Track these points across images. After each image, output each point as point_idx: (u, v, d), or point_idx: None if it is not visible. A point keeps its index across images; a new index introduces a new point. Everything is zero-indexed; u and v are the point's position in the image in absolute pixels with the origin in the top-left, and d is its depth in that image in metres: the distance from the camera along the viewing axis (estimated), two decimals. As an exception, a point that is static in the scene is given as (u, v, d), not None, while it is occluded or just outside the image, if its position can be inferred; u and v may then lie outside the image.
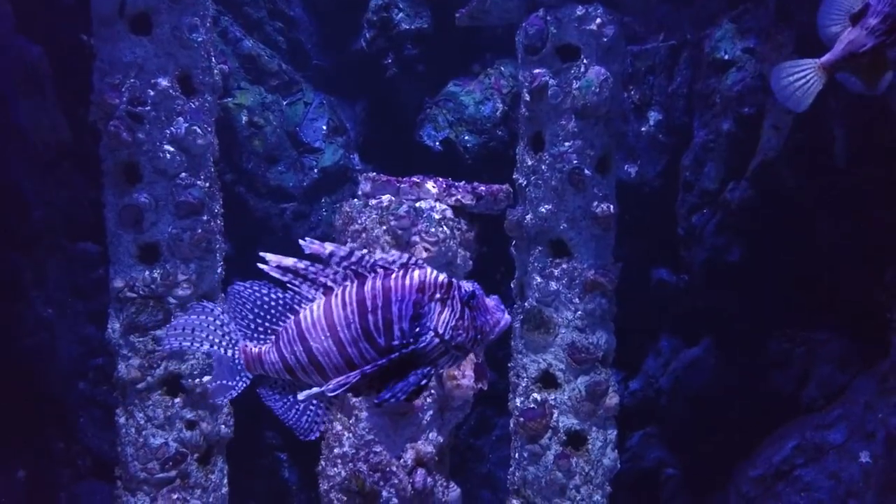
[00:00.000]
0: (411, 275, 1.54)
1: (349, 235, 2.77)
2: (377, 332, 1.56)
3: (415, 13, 4.65)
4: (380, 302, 1.55)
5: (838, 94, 3.46)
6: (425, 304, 1.54)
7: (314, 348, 1.58)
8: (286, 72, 4.71)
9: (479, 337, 1.55)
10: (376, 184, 2.67)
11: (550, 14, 3.58)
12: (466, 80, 4.80)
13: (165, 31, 3.29)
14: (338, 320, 1.56)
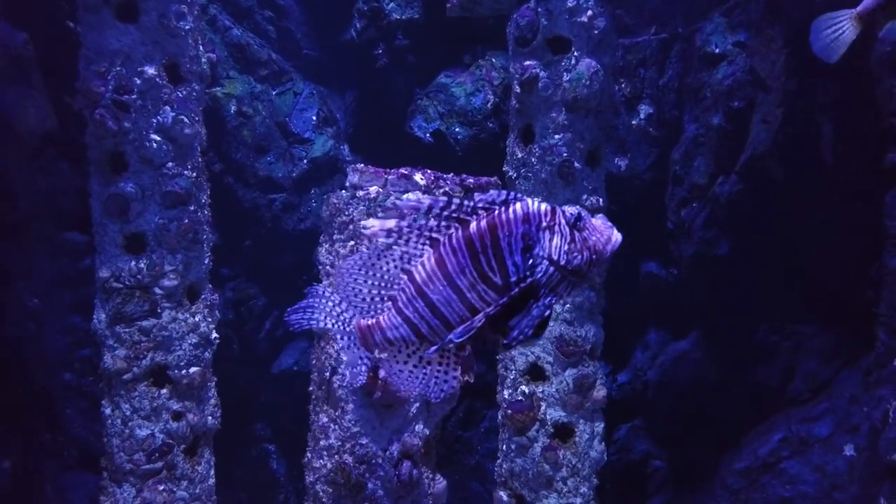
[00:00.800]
0: (514, 208, 1.53)
1: (336, 227, 2.75)
2: (492, 272, 1.55)
3: (406, 3, 4.62)
4: (488, 241, 1.54)
5: (827, 89, 3.47)
6: (534, 235, 1.53)
7: (435, 300, 1.57)
8: (276, 61, 4.68)
9: (595, 257, 1.54)
10: (364, 175, 2.66)
11: (542, 6, 3.57)
12: (457, 72, 4.78)
13: (152, 19, 3.25)
14: (452, 268, 1.55)
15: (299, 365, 4.76)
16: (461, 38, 4.79)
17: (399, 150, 4.91)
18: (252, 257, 4.70)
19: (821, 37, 2.19)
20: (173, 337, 3.39)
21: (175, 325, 3.39)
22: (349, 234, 2.67)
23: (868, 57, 3.28)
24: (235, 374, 4.38)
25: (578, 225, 1.54)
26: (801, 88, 3.49)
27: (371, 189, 2.59)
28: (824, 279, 3.76)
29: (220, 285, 4.62)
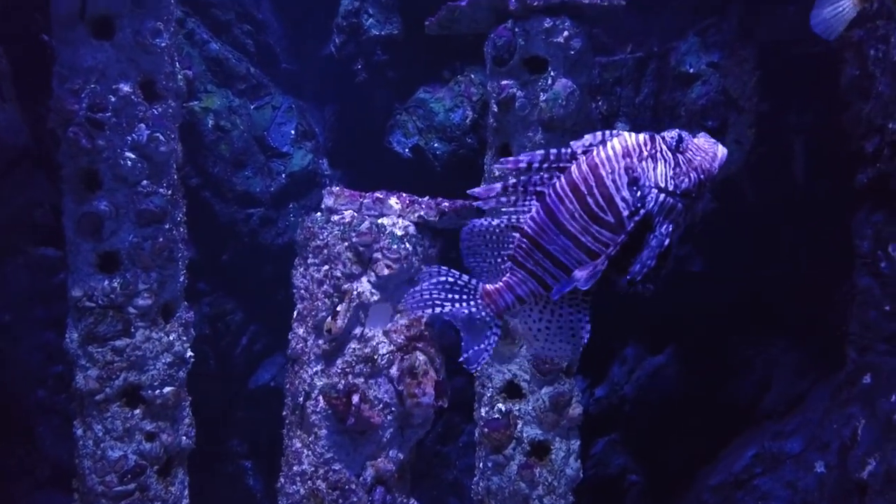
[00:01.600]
0: (611, 144, 1.55)
1: (311, 251, 2.75)
2: (602, 212, 1.57)
3: (385, 19, 4.63)
4: (592, 182, 1.55)
5: (798, 112, 3.53)
6: (636, 167, 1.54)
7: (552, 250, 1.59)
8: (254, 75, 4.66)
9: (703, 177, 1.55)
10: (339, 198, 2.66)
11: (518, 26, 3.59)
12: (436, 87, 4.80)
13: (127, 36, 3.23)
14: (562, 216, 1.57)
15: (276, 381, 4.74)
16: (440, 53, 4.80)
17: (378, 165, 4.91)
18: (229, 272, 4.67)
19: (822, 14, 2.20)
20: (147, 356, 3.35)
21: (149, 344, 3.36)
22: (323, 258, 2.67)
23: (838, 81, 3.35)
24: (211, 390, 4.34)
25: (681, 147, 1.56)
26: (772, 110, 3.55)
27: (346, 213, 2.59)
28: (797, 296, 3.82)
29: (197, 300, 4.59)
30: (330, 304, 2.67)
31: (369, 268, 2.67)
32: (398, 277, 2.69)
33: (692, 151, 1.56)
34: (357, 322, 2.67)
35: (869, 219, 3.30)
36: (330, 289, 2.65)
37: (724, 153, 1.58)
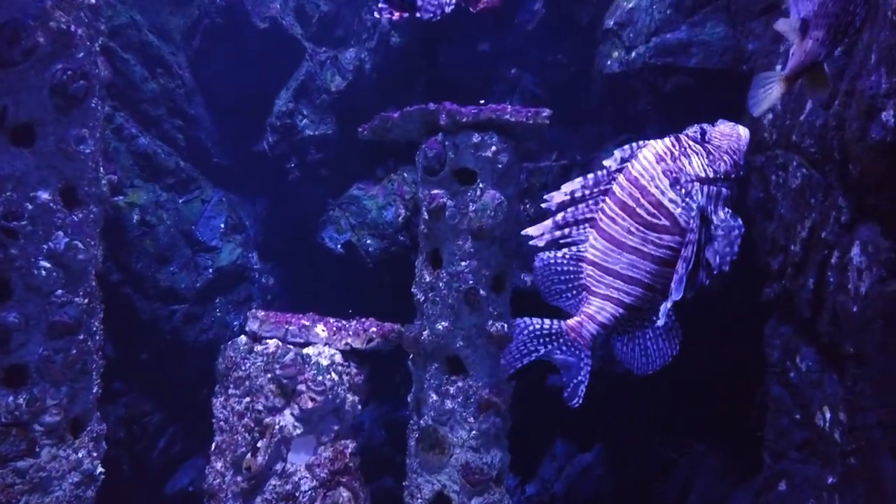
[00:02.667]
0: (643, 155, 1.57)
1: (232, 381, 2.68)
2: (656, 218, 1.60)
3: (319, 119, 4.70)
4: (638, 194, 1.61)
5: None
6: (673, 168, 1.55)
7: (620, 270, 1.63)
8: (184, 169, 4.61)
9: (736, 156, 1.64)
10: (264, 324, 2.62)
11: (448, 139, 3.72)
12: (370, 184, 4.87)
13: (50, 144, 3.16)
14: (619, 235, 1.66)
15: (195, 484, 4.50)
16: (374, 152, 4.90)
17: (310, 260, 4.89)
18: (148, 371, 4.47)
19: (755, 92, 2.28)
20: (52, 477, 3.14)
21: (55, 463, 3.15)
22: (245, 389, 2.60)
23: (744, 200, 3.58)
24: (125, 496, 4.08)
25: (706, 137, 1.64)
26: (686, 226, 3.75)
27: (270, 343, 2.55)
28: (714, 401, 3.96)
29: (112, 401, 4.36)
30: (250, 439, 2.58)
31: (293, 400, 2.62)
32: (322, 409, 2.64)
33: (718, 138, 1.70)
34: (278, 457, 2.59)
35: (777, 330, 3.48)
36: (251, 422, 2.57)
37: (746, 132, 1.71)
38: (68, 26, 3.09)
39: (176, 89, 4.51)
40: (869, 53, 2.60)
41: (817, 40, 2.02)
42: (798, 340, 3.36)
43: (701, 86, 3.59)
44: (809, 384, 3.25)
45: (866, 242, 2.72)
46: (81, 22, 3.20)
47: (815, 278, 3.10)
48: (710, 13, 3.57)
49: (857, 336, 2.75)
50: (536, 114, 3.72)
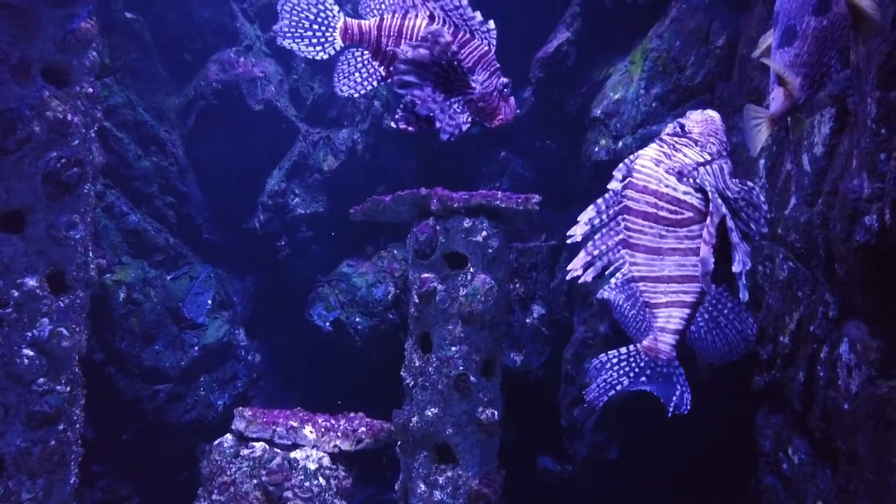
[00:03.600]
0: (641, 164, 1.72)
1: (216, 486, 2.61)
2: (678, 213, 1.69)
3: (311, 198, 4.74)
4: (652, 199, 1.70)
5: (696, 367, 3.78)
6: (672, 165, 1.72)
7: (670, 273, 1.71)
8: (173, 246, 4.60)
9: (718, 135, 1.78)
10: (251, 424, 2.57)
11: (440, 224, 3.75)
12: (360, 261, 4.87)
13: (40, 230, 3.14)
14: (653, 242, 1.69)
15: (172, 574, 4.32)
16: (364, 229, 4.93)
17: (297, 337, 4.84)
18: (128, 453, 4.34)
19: (747, 126, 2.34)
20: (23, 576, 3.00)
21: (27, 561, 3.02)
22: (230, 496, 2.53)
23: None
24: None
25: (686, 130, 1.80)
26: (675, 313, 3.77)
27: (257, 446, 2.49)
28: (707, 486, 3.90)
29: (90, 484, 4.22)
30: (235, 550, 2.50)
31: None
32: (310, 516, 2.57)
33: (695, 126, 1.79)
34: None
35: (769, 420, 3.47)
36: (236, 531, 2.50)
37: (714, 113, 1.79)
38: (65, 115, 3.13)
39: (169, 167, 4.55)
40: (850, 158, 2.68)
41: (795, 86, 2.17)
42: (790, 432, 3.34)
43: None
44: (803, 477, 3.21)
45: (854, 340, 2.74)
46: (78, 110, 3.24)
47: (804, 372, 3.11)
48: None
49: (848, 435, 2.74)
50: (527, 199, 3.77)
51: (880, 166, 2.47)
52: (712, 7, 3.64)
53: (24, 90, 3.07)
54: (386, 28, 2.22)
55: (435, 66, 2.12)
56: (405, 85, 2.09)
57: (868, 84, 2.53)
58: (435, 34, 2.09)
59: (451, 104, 2.15)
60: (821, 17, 2.08)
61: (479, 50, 2.17)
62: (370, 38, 2.25)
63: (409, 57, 2.09)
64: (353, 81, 2.31)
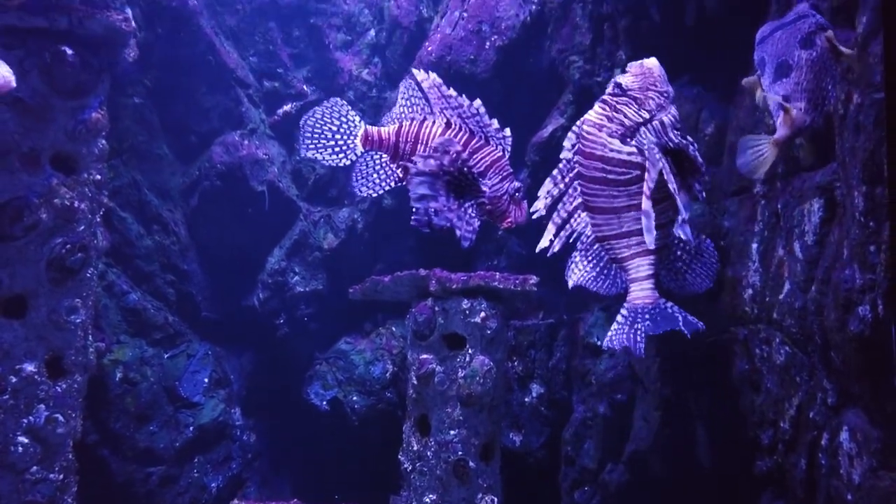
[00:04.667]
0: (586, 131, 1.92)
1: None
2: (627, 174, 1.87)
3: (311, 276, 4.79)
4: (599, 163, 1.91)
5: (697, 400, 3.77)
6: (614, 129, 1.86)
7: (629, 229, 1.86)
8: (172, 324, 4.60)
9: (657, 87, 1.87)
10: (248, 519, 2.52)
11: (439, 304, 3.78)
12: (358, 338, 4.87)
13: (41, 315, 3.17)
14: (607, 203, 1.86)
15: None
16: (363, 305, 4.95)
17: (294, 416, 4.79)
18: (117, 539, 4.23)
19: (745, 155, 2.39)
20: None
21: None
22: None
23: (730, 372, 3.62)
24: None
25: (624, 88, 1.88)
26: (674, 396, 3.77)
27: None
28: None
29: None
30: None
31: None
32: None
33: (633, 81, 1.84)
34: None
35: (772, 505, 3.42)
36: None
37: (654, 61, 1.85)
38: (72, 202, 3.20)
39: (171, 245, 4.61)
40: (841, 248, 2.75)
41: (800, 110, 2.31)
42: (795, 519, 3.28)
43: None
44: (810, 567, 3.14)
45: (854, 429, 2.73)
46: (85, 197, 3.31)
47: (806, 459, 3.08)
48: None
49: (854, 527, 2.70)
50: (524, 281, 3.82)
51: (870, 258, 2.53)
52: (700, 97, 3.79)
53: (33, 178, 3.15)
54: (404, 134, 2.33)
55: (447, 175, 2.20)
56: (420, 198, 2.17)
57: (854, 178, 2.61)
58: (445, 144, 2.18)
59: (466, 209, 2.24)
60: (810, 50, 2.32)
61: (493, 155, 2.27)
62: (388, 144, 2.36)
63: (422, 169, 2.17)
64: (372, 182, 2.41)
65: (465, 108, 2.33)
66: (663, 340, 3.85)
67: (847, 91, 2.68)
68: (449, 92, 2.36)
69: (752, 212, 3.49)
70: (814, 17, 2.37)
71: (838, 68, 2.43)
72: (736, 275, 3.54)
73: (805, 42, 2.34)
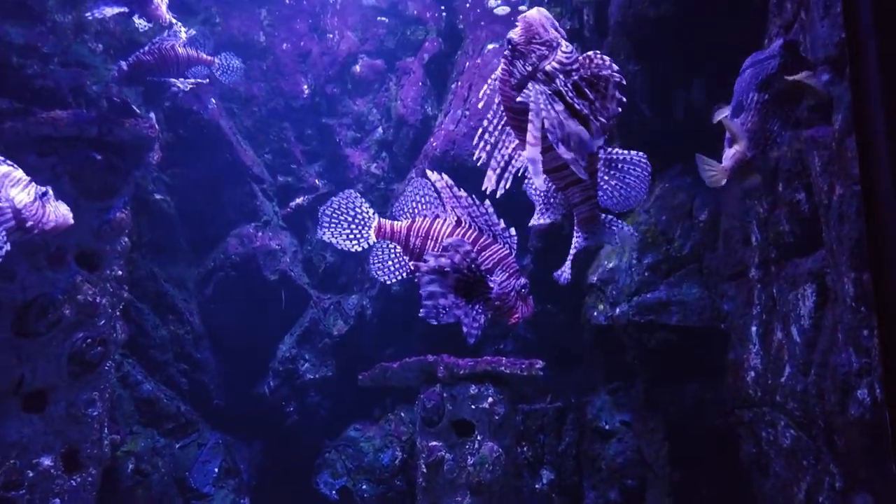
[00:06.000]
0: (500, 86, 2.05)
1: None
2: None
3: (320, 362, 4.87)
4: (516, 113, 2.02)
5: (708, 483, 3.75)
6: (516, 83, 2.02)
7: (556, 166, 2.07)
8: (184, 413, 4.66)
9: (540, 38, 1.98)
10: None
11: (447, 391, 3.85)
12: (367, 425, 4.89)
13: (60, 409, 3.25)
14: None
15: None
16: (372, 390, 5.00)
17: (303, 506, 4.76)
18: None
19: (703, 173, 2.67)
20: None
21: None
22: None
23: (738, 455, 3.62)
24: None
25: (512, 44, 1.96)
26: (684, 480, 3.75)
27: None
28: None
29: None
30: None
31: None
32: None
33: (518, 35, 1.92)
34: None
35: None
36: None
37: (533, 13, 1.99)
38: (94, 298, 3.34)
39: (185, 335, 4.72)
40: (836, 332, 2.83)
41: (743, 147, 2.58)
42: None
43: (684, 342, 3.80)
44: None
45: (864, 514, 2.73)
46: (106, 292, 3.46)
47: (820, 546, 3.05)
48: (685, 276, 3.91)
49: None
50: (531, 365, 3.89)
51: (864, 342, 2.61)
52: (693, 186, 3.97)
53: (59, 275, 3.31)
54: (415, 230, 2.49)
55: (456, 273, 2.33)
56: (430, 295, 2.29)
57: (843, 265, 2.73)
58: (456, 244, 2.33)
59: (474, 306, 2.36)
60: (763, 93, 2.51)
61: (500, 253, 2.41)
62: (400, 237, 2.52)
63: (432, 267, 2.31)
64: (388, 268, 2.55)
65: (475, 208, 2.50)
66: (671, 423, 3.87)
67: (830, 182, 2.84)
68: (460, 192, 2.53)
69: (750, 296, 3.59)
70: (775, 60, 2.56)
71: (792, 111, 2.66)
72: (738, 358, 3.60)
73: (762, 85, 2.59)
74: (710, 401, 3.75)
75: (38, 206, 2.30)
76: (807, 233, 3.13)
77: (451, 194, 2.56)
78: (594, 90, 2.08)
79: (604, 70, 2.04)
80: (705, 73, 3.84)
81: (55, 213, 2.36)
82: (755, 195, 3.35)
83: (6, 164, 2.31)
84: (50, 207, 2.35)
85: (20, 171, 2.33)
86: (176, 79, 3.49)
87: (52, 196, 2.37)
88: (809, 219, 3.08)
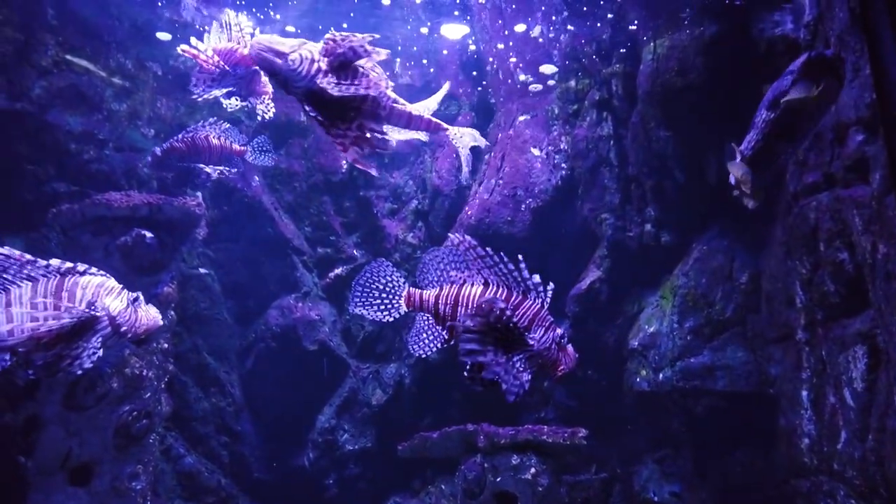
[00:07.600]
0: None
1: None
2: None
3: (359, 433, 4.84)
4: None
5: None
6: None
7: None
8: (224, 487, 4.64)
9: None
10: None
11: (487, 461, 3.77)
12: (407, 497, 4.79)
13: (105, 483, 3.28)
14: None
15: None
16: (412, 463, 4.92)
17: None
18: None
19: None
20: None
21: None
22: None
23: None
24: None
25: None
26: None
27: None
28: None
29: None
30: None
31: None
32: None
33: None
34: None
35: None
36: None
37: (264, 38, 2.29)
38: (141, 371, 3.42)
39: (226, 407, 4.76)
40: (891, 395, 2.73)
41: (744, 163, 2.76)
42: None
43: (731, 408, 3.69)
44: None
45: (940, 593, 2.55)
46: (153, 365, 3.53)
47: None
48: (729, 339, 3.83)
49: None
50: (573, 434, 3.80)
51: (922, 405, 2.51)
52: (731, 248, 3.94)
53: (107, 349, 3.40)
54: (443, 297, 2.52)
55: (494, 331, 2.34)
56: (469, 353, 2.29)
57: (893, 325, 2.66)
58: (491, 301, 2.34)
59: (514, 364, 2.34)
60: (769, 112, 2.61)
61: (533, 309, 2.41)
62: (429, 306, 2.55)
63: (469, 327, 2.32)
64: (423, 343, 2.57)
65: (501, 266, 2.52)
66: (723, 493, 3.71)
67: (872, 241, 2.80)
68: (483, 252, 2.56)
69: (798, 359, 3.49)
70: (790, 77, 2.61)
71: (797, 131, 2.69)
72: (790, 424, 3.48)
73: (770, 104, 2.66)
74: (762, 469, 3.60)
75: (130, 311, 2.40)
76: (852, 292, 3.07)
77: (475, 255, 2.59)
78: (346, 70, 2.30)
79: (342, 48, 2.27)
80: (735, 136, 3.88)
81: (146, 317, 2.45)
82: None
83: (100, 275, 2.40)
84: (141, 312, 2.45)
85: (112, 280, 2.43)
86: (206, 165, 3.64)
87: (143, 301, 2.47)
88: (854, 278, 3.02)
